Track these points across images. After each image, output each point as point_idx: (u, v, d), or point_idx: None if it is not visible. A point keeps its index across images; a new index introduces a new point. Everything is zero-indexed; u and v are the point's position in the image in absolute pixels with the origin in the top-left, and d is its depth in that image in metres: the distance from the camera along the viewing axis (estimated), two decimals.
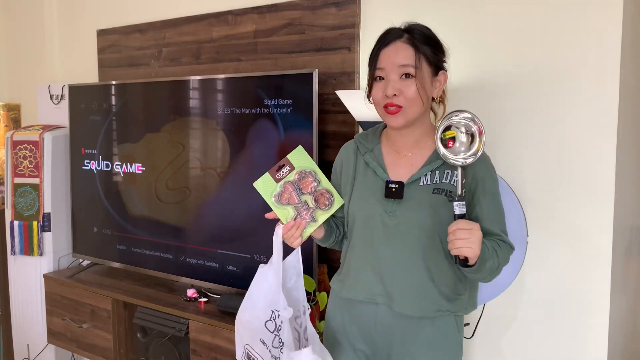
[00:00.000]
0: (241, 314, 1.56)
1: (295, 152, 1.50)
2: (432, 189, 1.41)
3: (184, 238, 2.43)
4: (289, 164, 1.48)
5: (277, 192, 1.45)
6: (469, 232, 1.27)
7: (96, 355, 2.59)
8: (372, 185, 1.47)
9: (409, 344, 1.45)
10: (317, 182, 1.49)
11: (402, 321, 1.44)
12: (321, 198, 1.49)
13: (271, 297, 1.49)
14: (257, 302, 1.52)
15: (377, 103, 1.44)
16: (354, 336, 1.52)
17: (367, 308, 1.48)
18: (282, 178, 1.46)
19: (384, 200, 1.44)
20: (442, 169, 1.42)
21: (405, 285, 1.42)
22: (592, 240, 1.72)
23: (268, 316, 1.49)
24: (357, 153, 1.54)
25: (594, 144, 1.70)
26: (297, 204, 1.46)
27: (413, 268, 1.42)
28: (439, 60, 1.44)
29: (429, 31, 1.43)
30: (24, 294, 2.92)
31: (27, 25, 3.34)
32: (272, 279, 1.49)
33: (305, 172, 1.48)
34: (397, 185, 1.41)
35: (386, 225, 1.43)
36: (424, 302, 1.42)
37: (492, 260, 1.34)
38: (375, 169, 1.48)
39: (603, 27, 1.66)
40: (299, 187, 1.47)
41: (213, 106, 2.31)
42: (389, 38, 1.41)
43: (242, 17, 2.43)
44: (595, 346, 1.73)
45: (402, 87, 1.38)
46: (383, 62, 1.40)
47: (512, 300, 1.87)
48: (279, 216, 1.46)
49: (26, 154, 2.85)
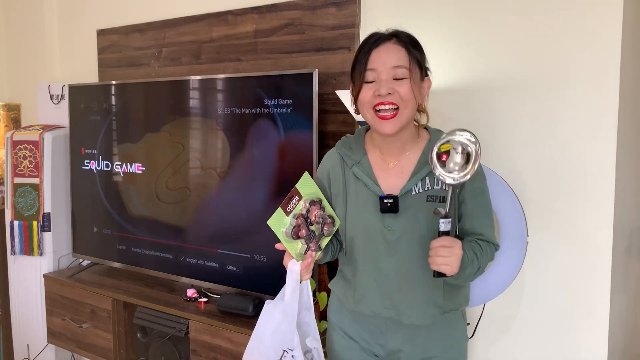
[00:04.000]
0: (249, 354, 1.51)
1: (302, 180, 1.46)
2: (426, 196, 1.40)
3: (184, 238, 2.43)
4: (297, 194, 1.44)
5: (287, 226, 1.42)
6: (449, 250, 1.28)
7: (96, 355, 2.59)
8: (366, 199, 1.45)
9: (422, 340, 1.47)
10: (322, 210, 1.48)
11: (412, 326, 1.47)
12: (326, 225, 1.48)
13: (282, 335, 1.47)
14: (264, 341, 1.49)
15: (366, 105, 1.37)
16: (362, 336, 1.52)
17: (375, 320, 1.49)
18: (292, 210, 1.43)
19: (381, 215, 1.42)
20: (431, 175, 1.40)
21: (412, 297, 1.43)
22: (592, 240, 1.72)
23: (279, 356, 1.47)
24: (343, 165, 1.50)
25: (594, 144, 1.70)
26: (306, 237, 1.44)
27: (417, 279, 1.42)
28: (425, 65, 1.41)
29: (414, 37, 1.40)
30: (24, 294, 2.92)
31: (27, 25, 3.34)
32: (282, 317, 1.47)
33: (313, 201, 1.46)
34: (392, 200, 1.40)
35: (387, 240, 1.43)
36: (431, 310, 1.44)
37: (472, 267, 1.36)
38: (367, 182, 1.44)
39: (603, 27, 1.66)
40: (308, 218, 1.45)
41: (213, 106, 2.31)
42: (378, 40, 1.36)
43: (242, 17, 2.43)
44: (595, 346, 1.73)
45: (395, 86, 1.33)
46: (374, 63, 1.34)
47: (512, 300, 1.87)
48: (288, 249, 1.43)
49: (26, 154, 2.85)
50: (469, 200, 1.42)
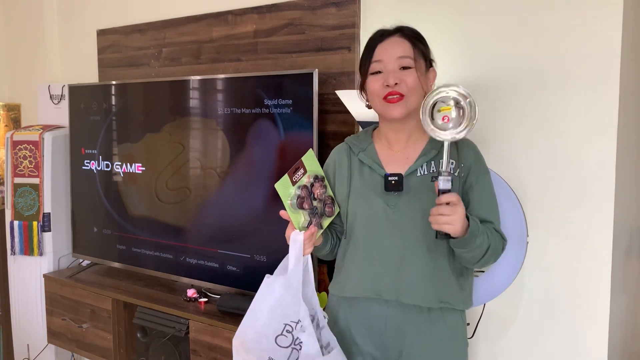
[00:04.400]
0: (243, 333, 1.42)
1: (308, 155, 1.49)
2: (430, 177, 1.42)
3: (184, 238, 2.43)
4: (303, 166, 1.46)
5: (293, 196, 1.42)
6: (451, 208, 1.27)
7: (96, 355, 2.59)
8: (370, 181, 1.48)
9: (421, 341, 1.44)
10: (325, 189, 1.49)
11: (412, 316, 1.44)
12: (327, 205, 1.49)
13: (283, 310, 1.40)
14: (261, 319, 1.40)
15: (375, 95, 1.44)
16: (362, 339, 1.49)
17: (375, 307, 1.47)
18: (298, 181, 1.44)
19: (385, 194, 1.44)
20: (437, 159, 1.43)
21: (412, 275, 1.42)
22: (592, 240, 1.72)
23: (280, 330, 1.39)
24: (350, 154, 1.55)
25: (594, 144, 1.70)
26: (309, 210, 1.44)
27: (419, 258, 1.42)
28: (429, 57, 1.48)
29: (417, 31, 1.48)
30: (24, 294, 2.92)
31: (27, 25, 3.34)
32: (284, 290, 1.40)
33: (317, 177, 1.47)
34: (397, 178, 1.42)
35: (389, 218, 1.43)
36: (430, 292, 1.42)
37: (482, 238, 1.34)
38: (371, 165, 1.48)
39: (603, 27, 1.66)
40: (312, 192, 1.46)
41: (213, 106, 2.31)
42: (383, 35, 1.45)
43: (242, 17, 2.43)
44: (595, 346, 1.73)
45: (401, 76, 1.40)
46: (380, 55, 1.42)
47: (512, 300, 1.87)
48: (292, 220, 1.41)
49: (26, 154, 2.85)
50: (475, 188, 1.43)
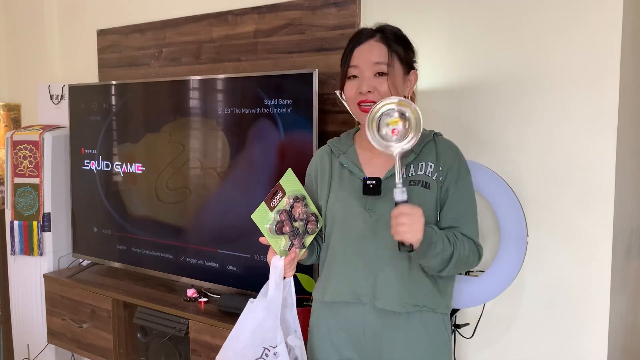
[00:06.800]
0: (224, 354, 1.47)
1: (286, 176, 1.48)
2: (409, 181, 1.42)
3: (184, 238, 2.43)
4: (281, 190, 1.45)
5: (271, 222, 1.43)
6: (410, 217, 1.27)
7: (96, 355, 2.59)
8: (349, 185, 1.48)
9: (400, 346, 1.43)
10: (306, 207, 1.49)
11: (390, 321, 1.43)
12: (309, 223, 1.49)
13: (263, 333, 1.44)
14: (242, 341, 1.46)
15: (350, 100, 1.45)
16: (342, 344, 1.49)
17: (354, 311, 1.46)
18: (276, 206, 1.44)
19: (363, 198, 1.44)
20: (416, 162, 1.44)
21: (389, 280, 1.42)
22: (592, 240, 1.72)
23: (259, 354, 1.44)
24: (331, 156, 1.55)
25: (594, 144, 1.70)
26: (290, 233, 1.44)
27: (395, 262, 1.42)
28: (410, 59, 1.47)
29: (399, 31, 1.47)
30: (24, 294, 2.92)
31: (27, 25, 3.34)
32: (265, 314, 1.45)
33: (297, 198, 1.47)
34: (375, 182, 1.41)
35: (366, 222, 1.43)
36: (405, 296, 1.41)
37: (442, 246, 1.33)
38: (351, 168, 1.49)
39: (603, 27, 1.66)
40: (291, 214, 1.45)
41: (213, 106, 2.31)
42: (362, 37, 1.44)
43: (242, 17, 2.43)
44: (595, 346, 1.73)
45: (375, 84, 1.41)
46: (357, 60, 1.43)
47: (512, 300, 1.87)
48: (272, 245, 1.44)
49: (26, 154, 2.85)
50: (450, 194, 1.43)
